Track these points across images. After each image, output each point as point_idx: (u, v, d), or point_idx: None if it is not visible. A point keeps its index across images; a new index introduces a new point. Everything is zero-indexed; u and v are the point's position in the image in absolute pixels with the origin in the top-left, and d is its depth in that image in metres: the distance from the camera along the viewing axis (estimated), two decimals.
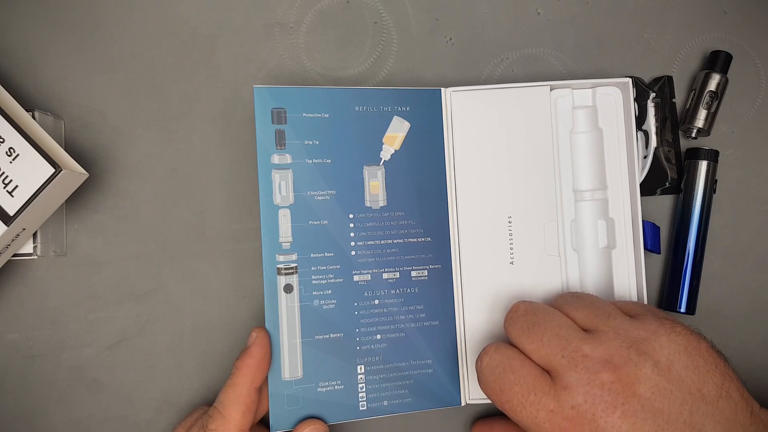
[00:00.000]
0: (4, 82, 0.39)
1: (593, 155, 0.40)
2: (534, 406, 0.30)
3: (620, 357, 0.30)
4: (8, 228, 0.34)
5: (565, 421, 0.29)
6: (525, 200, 0.39)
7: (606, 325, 0.32)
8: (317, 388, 0.36)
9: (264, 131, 0.36)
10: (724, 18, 0.44)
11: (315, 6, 0.42)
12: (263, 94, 0.36)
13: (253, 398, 0.35)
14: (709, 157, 0.41)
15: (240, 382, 0.35)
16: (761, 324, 0.43)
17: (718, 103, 0.42)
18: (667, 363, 0.30)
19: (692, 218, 0.41)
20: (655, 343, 0.30)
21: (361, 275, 0.37)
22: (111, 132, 0.40)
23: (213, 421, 0.34)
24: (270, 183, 0.36)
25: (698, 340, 0.31)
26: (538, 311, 0.34)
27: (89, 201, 0.40)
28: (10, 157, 0.34)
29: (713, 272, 0.43)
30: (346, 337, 0.37)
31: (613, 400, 0.29)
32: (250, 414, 0.35)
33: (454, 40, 0.42)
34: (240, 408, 0.34)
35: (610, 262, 0.39)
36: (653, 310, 0.34)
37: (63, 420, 0.39)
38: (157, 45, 0.41)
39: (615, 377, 0.29)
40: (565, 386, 0.30)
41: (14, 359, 0.39)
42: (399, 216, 0.38)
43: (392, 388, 0.37)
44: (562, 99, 0.40)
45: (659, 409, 0.29)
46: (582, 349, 0.31)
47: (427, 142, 0.38)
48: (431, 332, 0.38)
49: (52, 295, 0.40)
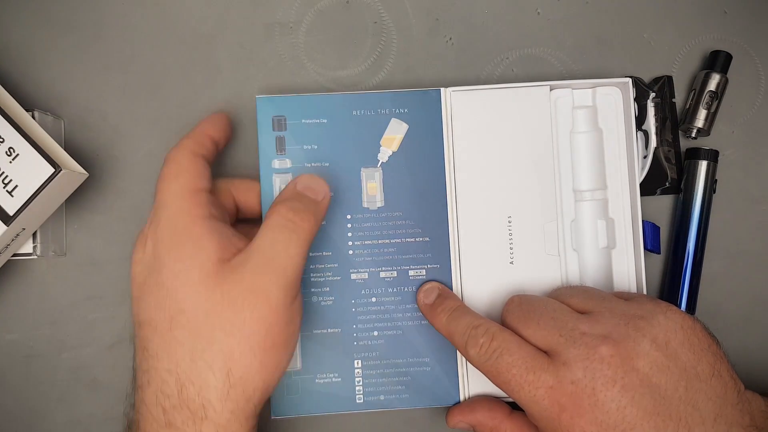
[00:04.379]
0: (4, 82, 0.39)
1: (593, 155, 0.40)
2: (533, 385, 0.31)
3: (618, 333, 0.31)
4: (8, 228, 0.34)
5: (565, 396, 0.30)
6: (525, 200, 0.39)
7: (601, 306, 0.33)
8: (315, 379, 0.38)
9: (265, 138, 0.38)
10: (724, 18, 0.44)
11: (315, 6, 0.42)
12: (264, 103, 0.38)
13: (199, 165, 0.34)
14: (709, 157, 0.41)
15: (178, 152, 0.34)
16: (761, 324, 0.43)
17: (718, 103, 0.42)
18: (664, 340, 0.30)
19: (692, 218, 0.41)
20: (652, 320, 0.31)
21: (358, 274, 0.38)
22: (111, 132, 0.40)
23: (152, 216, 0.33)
24: (271, 186, 0.38)
25: (693, 320, 0.31)
26: (533, 300, 0.34)
27: (89, 201, 0.40)
28: (9, 156, 0.34)
29: (713, 272, 0.43)
30: (344, 332, 0.38)
31: (613, 374, 0.29)
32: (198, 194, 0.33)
33: (454, 40, 0.42)
34: (179, 181, 0.33)
35: (609, 262, 0.39)
36: (647, 295, 0.35)
37: (63, 420, 0.39)
38: (157, 45, 0.41)
39: (614, 351, 0.30)
40: (564, 362, 0.30)
41: (14, 359, 0.39)
42: (397, 216, 0.38)
43: (389, 383, 0.38)
44: (561, 99, 0.40)
45: (657, 384, 0.29)
46: (580, 328, 0.31)
47: (425, 143, 0.39)
48: (429, 330, 0.38)
49: (52, 295, 0.40)
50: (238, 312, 0.30)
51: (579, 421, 0.29)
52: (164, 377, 0.30)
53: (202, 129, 0.36)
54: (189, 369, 0.30)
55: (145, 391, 0.31)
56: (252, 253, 0.31)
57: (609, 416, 0.29)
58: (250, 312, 0.30)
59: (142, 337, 0.32)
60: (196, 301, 0.30)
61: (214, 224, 0.33)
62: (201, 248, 0.31)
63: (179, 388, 0.30)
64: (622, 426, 0.29)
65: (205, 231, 0.32)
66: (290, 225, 0.32)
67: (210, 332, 0.30)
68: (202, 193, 0.33)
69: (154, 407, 0.30)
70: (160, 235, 0.32)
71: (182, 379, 0.30)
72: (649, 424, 0.29)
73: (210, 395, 0.30)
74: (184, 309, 0.30)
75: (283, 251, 0.31)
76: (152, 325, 0.31)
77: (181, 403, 0.30)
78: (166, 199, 0.33)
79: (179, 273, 0.31)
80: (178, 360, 0.30)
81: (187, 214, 0.32)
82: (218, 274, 0.31)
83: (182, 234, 0.32)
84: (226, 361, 0.30)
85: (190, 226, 0.32)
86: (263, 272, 0.31)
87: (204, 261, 0.31)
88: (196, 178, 0.34)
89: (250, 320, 0.30)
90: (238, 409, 0.30)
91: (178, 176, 0.33)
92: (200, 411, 0.30)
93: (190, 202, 0.33)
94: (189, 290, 0.31)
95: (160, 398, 0.30)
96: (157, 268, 0.31)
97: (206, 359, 0.30)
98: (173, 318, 0.31)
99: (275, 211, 0.33)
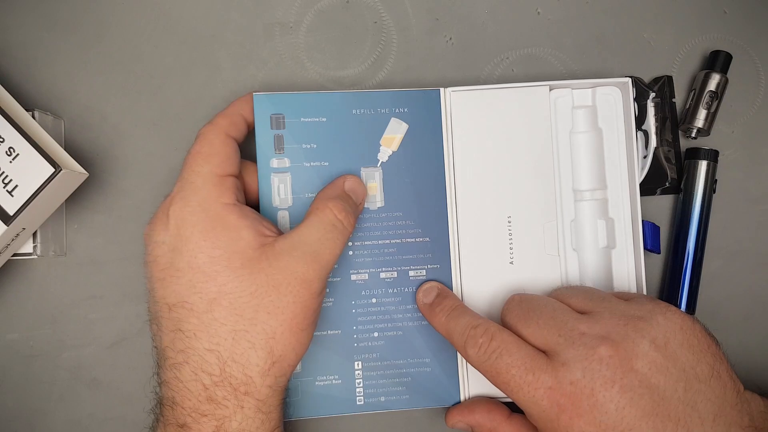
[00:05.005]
0: (4, 82, 0.39)
1: (593, 155, 0.40)
2: (532, 385, 0.31)
3: (617, 333, 0.31)
4: (8, 228, 0.34)
5: (564, 397, 0.30)
6: (524, 200, 0.39)
7: (601, 306, 0.33)
8: (315, 381, 0.37)
9: (263, 136, 0.37)
10: (724, 18, 0.44)
11: (315, 6, 0.42)
12: (262, 101, 0.37)
13: (230, 148, 0.34)
14: (709, 157, 0.41)
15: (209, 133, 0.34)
16: (761, 324, 0.43)
17: (718, 103, 0.42)
18: (663, 340, 0.30)
19: (692, 218, 0.41)
20: (651, 321, 0.31)
21: (358, 274, 0.38)
22: (111, 132, 0.40)
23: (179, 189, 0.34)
24: (269, 186, 0.37)
25: (692, 321, 0.31)
26: (533, 299, 0.34)
27: (89, 201, 0.40)
28: (9, 156, 0.34)
29: (713, 272, 0.43)
30: (344, 334, 0.38)
31: (612, 374, 0.29)
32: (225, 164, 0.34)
33: (454, 40, 0.42)
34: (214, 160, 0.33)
35: (609, 261, 0.39)
36: (647, 295, 0.35)
37: (63, 420, 0.39)
38: (157, 45, 0.41)
39: (613, 352, 0.30)
40: (563, 363, 0.30)
41: (14, 359, 0.39)
42: (397, 216, 0.38)
43: (390, 384, 0.38)
44: (561, 99, 0.40)
45: (655, 385, 0.29)
46: (579, 328, 0.31)
47: (425, 143, 0.38)
48: (429, 331, 0.38)
49: (52, 295, 0.40)
50: (282, 296, 0.31)
51: (578, 422, 0.29)
52: (204, 356, 0.31)
53: (237, 108, 0.36)
54: (232, 347, 0.31)
55: (181, 370, 0.31)
56: (299, 244, 0.33)
57: (608, 417, 0.29)
58: (293, 297, 0.32)
59: (176, 318, 0.32)
60: (240, 285, 0.31)
61: (245, 211, 0.33)
62: (239, 237, 0.32)
63: (222, 366, 0.31)
64: (620, 427, 0.29)
65: (239, 219, 0.33)
66: (340, 225, 0.34)
67: (253, 313, 0.31)
68: (231, 178, 0.34)
69: (192, 383, 0.31)
70: (190, 219, 0.32)
71: (224, 357, 0.31)
72: (648, 425, 0.29)
73: (252, 372, 0.31)
74: (226, 291, 0.31)
75: (330, 248, 0.33)
76: (187, 307, 0.32)
77: (223, 380, 0.31)
78: (196, 182, 0.33)
79: (218, 258, 0.32)
80: (220, 339, 0.31)
81: (218, 201, 0.33)
82: (260, 259, 0.32)
83: (216, 221, 0.32)
84: (269, 340, 0.31)
85: (223, 215, 0.32)
86: (310, 263, 0.32)
87: (244, 248, 0.32)
88: (226, 162, 0.34)
89: (293, 304, 0.32)
90: (275, 384, 0.32)
91: (209, 158, 0.34)
92: (242, 387, 0.31)
93: (220, 188, 0.33)
94: (232, 274, 0.31)
95: (200, 375, 0.31)
96: (189, 251, 0.32)
97: (249, 339, 0.31)
98: (214, 300, 0.31)
99: (327, 208, 0.34)
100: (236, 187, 0.34)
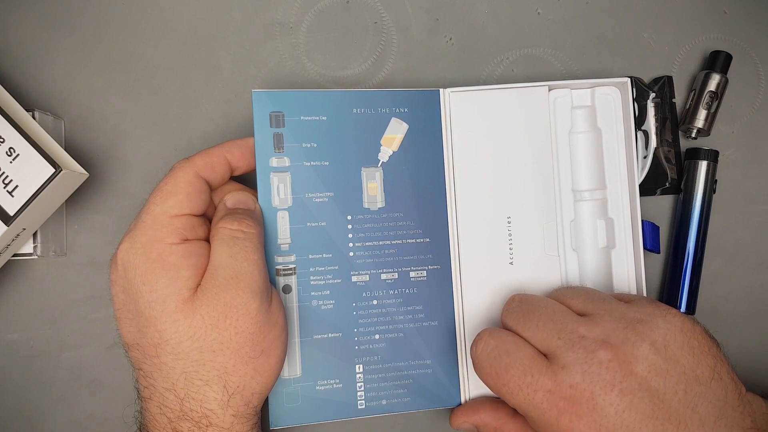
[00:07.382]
0: (4, 82, 0.39)
1: (592, 155, 0.40)
2: (531, 387, 0.31)
3: (617, 337, 0.30)
4: (8, 228, 0.34)
5: (563, 400, 0.30)
6: (524, 200, 0.39)
7: (601, 308, 0.33)
8: (316, 386, 0.37)
9: (262, 135, 0.37)
10: (724, 18, 0.44)
11: (315, 6, 0.42)
12: (261, 98, 0.36)
13: (194, 188, 0.33)
14: (709, 157, 0.41)
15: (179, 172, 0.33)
16: (761, 324, 0.43)
17: (718, 103, 0.42)
18: (663, 343, 0.30)
19: (692, 218, 0.41)
20: (651, 323, 0.31)
21: (359, 276, 0.38)
22: (111, 132, 0.40)
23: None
24: (269, 185, 0.37)
25: (693, 323, 0.31)
26: (533, 300, 0.34)
27: (89, 201, 0.40)
28: (10, 157, 0.34)
29: (713, 272, 0.43)
30: (345, 336, 0.37)
31: (611, 378, 0.29)
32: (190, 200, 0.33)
33: (454, 40, 0.42)
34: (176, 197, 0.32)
35: (609, 262, 0.39)
36: (648, 297, 0.34)
37: (63, 420, 0.39)
38: (157, 45, 0.41)
39: (613, 355, 0.30)
40: (563, 366, 0.30)
41: (14, 359, 0.39)
42: (397, 217, 0.38)
43: (391, 387, 0.37)
44: (560, 99, 0.40)
45: (655, 388, 0.29)
46: (578, 331, 0.31)
47: (425, 143, 0.38)
48: (430, 332, 0.38)
49: (52, 295, 0.40)
50: (221, 331, 0.31)
51: (578, 425, 0.29)
52: (164, 394, 0.31)
53: (224, 151, 0.35)
54: (186, 387, 0.31)
55: (148, 403, 0.32)
56: (216, 271, 0.32)
57: (608, 420, 0.29)
58: (234, 328, 0.31)
59: (135, 358, 0.33)
60: (178, 330, 0.31)
61: (191, 247, 0.32)
62: (177, 277, 0.31)
63: (180, 404, 0.31)
64: (620, 430, 0.29)
65: (181, 259, 0.32)
66: (240, 234, 0.33)
67: (198, 355, 0.31)
68: (185, 217, 0.33)
69: (158, 416, 0.31)
70: (133, 261, 0.32)
71: (181, 395, 0.31)
72: (648, 428, 0.29)
73: (211, 405, 0.31)
74: (167, 338, 0.31)
75: (244, 261, 0.32)
76: (140, 350, 0.32)
77: (184, 415, 0.31)
78: (146, 221, 0.32)
79: (154, 303, 0.31)
80: (174, 381, 0.31)
81: (162, 242, 0.32)
82: (193, 299, 0.31)
83: (156, 263, 0.31)
84: (221, 375, 0.31)
85: (165, 255, 0.32)
86: (234, 287, 0.31)
87: (180, 288, 0.31)
88: (185, 202, 0.33)
89: (236, 336, 0.31)
90: (240, 413, 0.31)
91: (167, 197, 0.33)
92: (203, 420, 0.31)
93: (168, 229, 0.32)
94: (168, 319, 0.31)
95: (164, 410, 0.31)
96: (133, 295, 0.32)
97: (201, 377, 0.31)
98: (158, 345, 0.31)
99: (219, 228, 0.33)
100: (190, 225, 0.33)
